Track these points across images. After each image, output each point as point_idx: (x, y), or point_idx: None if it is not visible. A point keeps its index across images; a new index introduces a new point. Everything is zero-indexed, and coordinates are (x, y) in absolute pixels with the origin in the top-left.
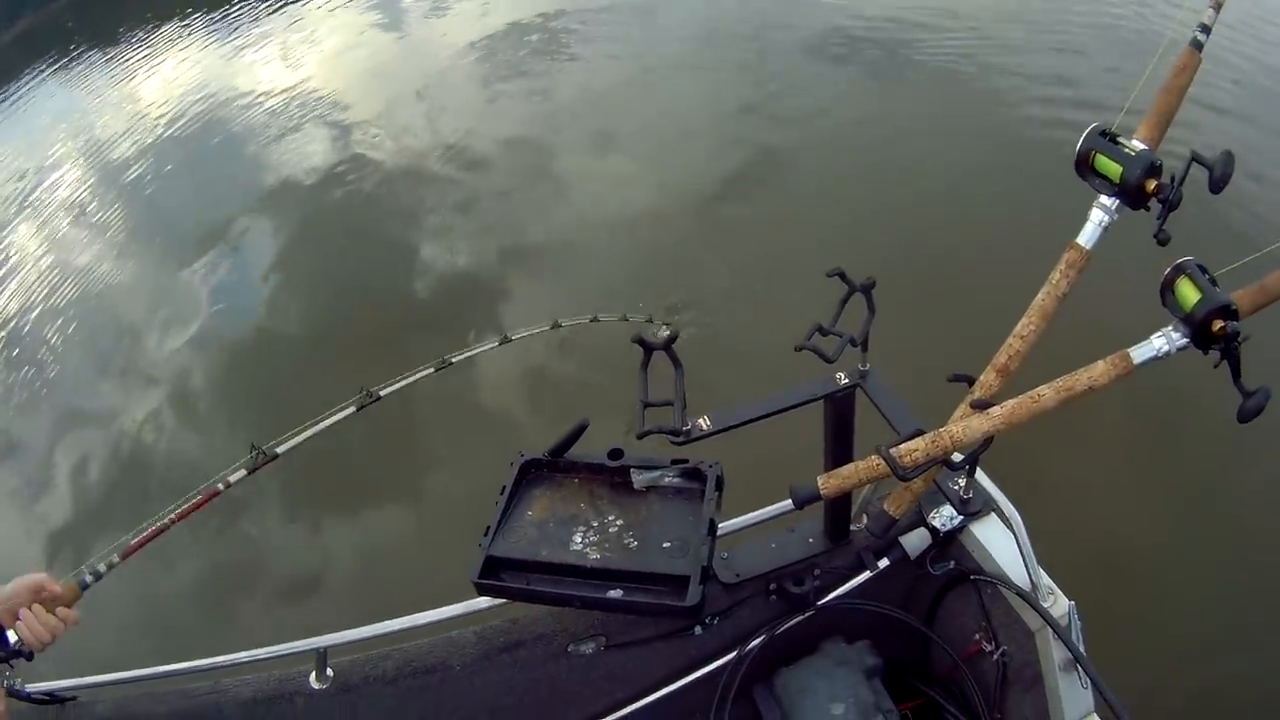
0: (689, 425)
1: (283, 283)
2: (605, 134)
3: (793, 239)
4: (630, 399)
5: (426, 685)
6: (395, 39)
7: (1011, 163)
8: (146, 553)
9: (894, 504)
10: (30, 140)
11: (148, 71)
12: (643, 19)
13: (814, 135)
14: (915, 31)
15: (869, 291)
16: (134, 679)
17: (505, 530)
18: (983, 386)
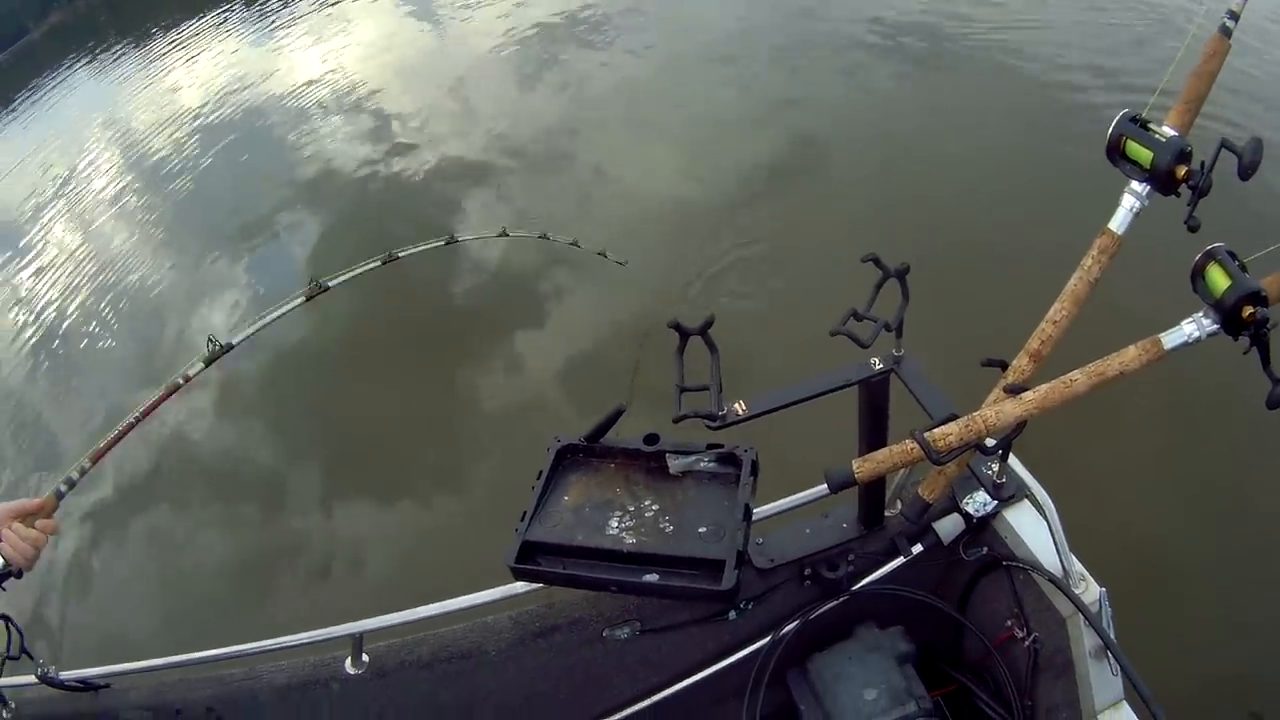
0: (725, 410)
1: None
2: (640, 123)
3: (825, 225)
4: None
5: (462, 670)
6: (428, 31)
7: (1044, 148)
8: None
9: (928, 488)
10: (61, 132)
11: (181, 65)
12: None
13: (845, 121)
14: (948, 19)
15: (903, 277)
16: (167, 665)
17: (541, 515)
18: (1016, 371)
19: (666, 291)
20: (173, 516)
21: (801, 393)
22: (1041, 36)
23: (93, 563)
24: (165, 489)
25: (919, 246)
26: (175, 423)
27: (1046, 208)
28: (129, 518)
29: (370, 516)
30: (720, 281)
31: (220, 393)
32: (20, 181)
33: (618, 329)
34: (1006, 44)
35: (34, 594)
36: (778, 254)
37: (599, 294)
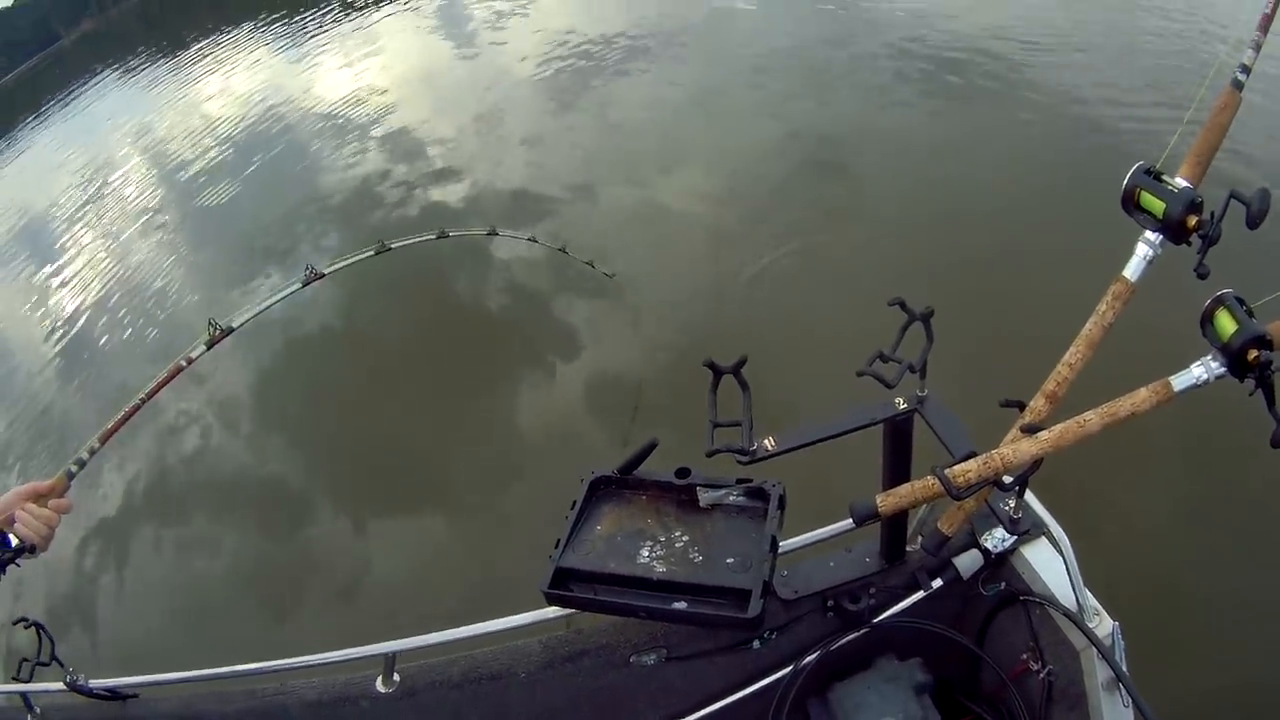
0: (755, 446)
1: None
2: (672, 150)
3: (849, 261)
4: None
5: (490, 691)
6: (457, 50)
7: (1061, 193)
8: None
9: (947, 522)
10: (89, 138)
11: (212, 76)
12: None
13: (872, 157)
14: (980, 55)
15: (928, 320)
16: (198, 678)
17: (575, 543)
18: (1033, 411)
19: (690, 323)
20: (197, 528)
21: (828, 430)
22: (1071, 78)
23: (115, 575)
24: (190, 501)
25: (940, 287)
26: (199, 433)
27: (1060, 253)
28: (150, 529)
29: (391, 533)
30: (747, 311)
31: (248, 406)
32: (46, 183)
33: (643, 362)
34: (1034, 83)
35: (62, 602)
36: (802, 286)
37: (621, 325)
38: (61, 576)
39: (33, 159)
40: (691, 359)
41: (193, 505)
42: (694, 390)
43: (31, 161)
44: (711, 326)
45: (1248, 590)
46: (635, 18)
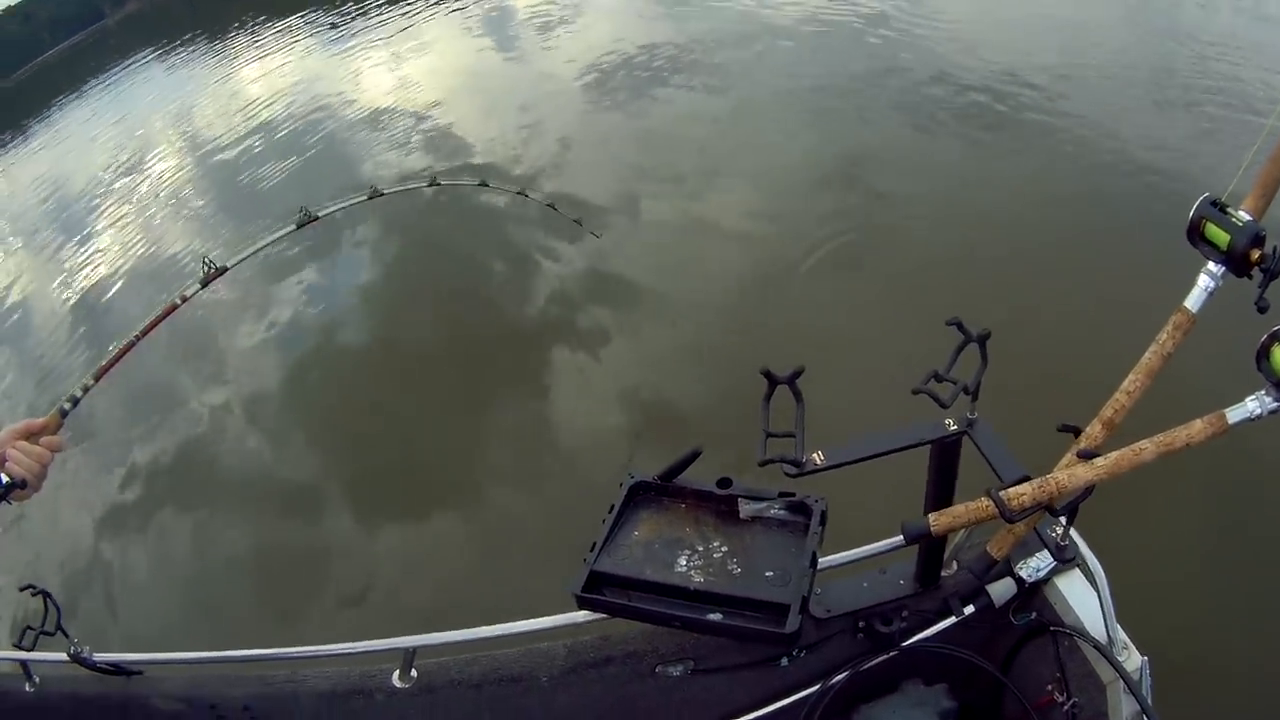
0: (806, 458)
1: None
2: (710, 168)
3: (890, 280)
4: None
5: (510, 694)
6: (503, 56)
7: (1118, 227)
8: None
9: (996, 545)
10: (128, 118)
11: (254, 64)
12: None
13: (917, 181)
14: (1027, 88)
15: (984, 342)
16: (205, 660)
17: (610, 548)
18: (1088, 438)
19: (730, 336)
20: (214, 516)
21: (877, 447)
22: (1125, 109)
23: (129, 557)
24: (211, 490)
25: (984, 309)
26: (225, 425)
27: (1119, 281)
28: (167, 514)
29: (409, 529)
30: (786, 328)
31: (275, 401)
32: (80, 158)
33: (672, 373)
34: (1085, 118)
35: (73, 578)
36: (843, 304)
37: (655, 329)
38: (74, 552)
39: (70, 134)
40: (718, 374)
41: (213, 494)
42: (724, 401)
43: (68, 136)
44: (745, 339)
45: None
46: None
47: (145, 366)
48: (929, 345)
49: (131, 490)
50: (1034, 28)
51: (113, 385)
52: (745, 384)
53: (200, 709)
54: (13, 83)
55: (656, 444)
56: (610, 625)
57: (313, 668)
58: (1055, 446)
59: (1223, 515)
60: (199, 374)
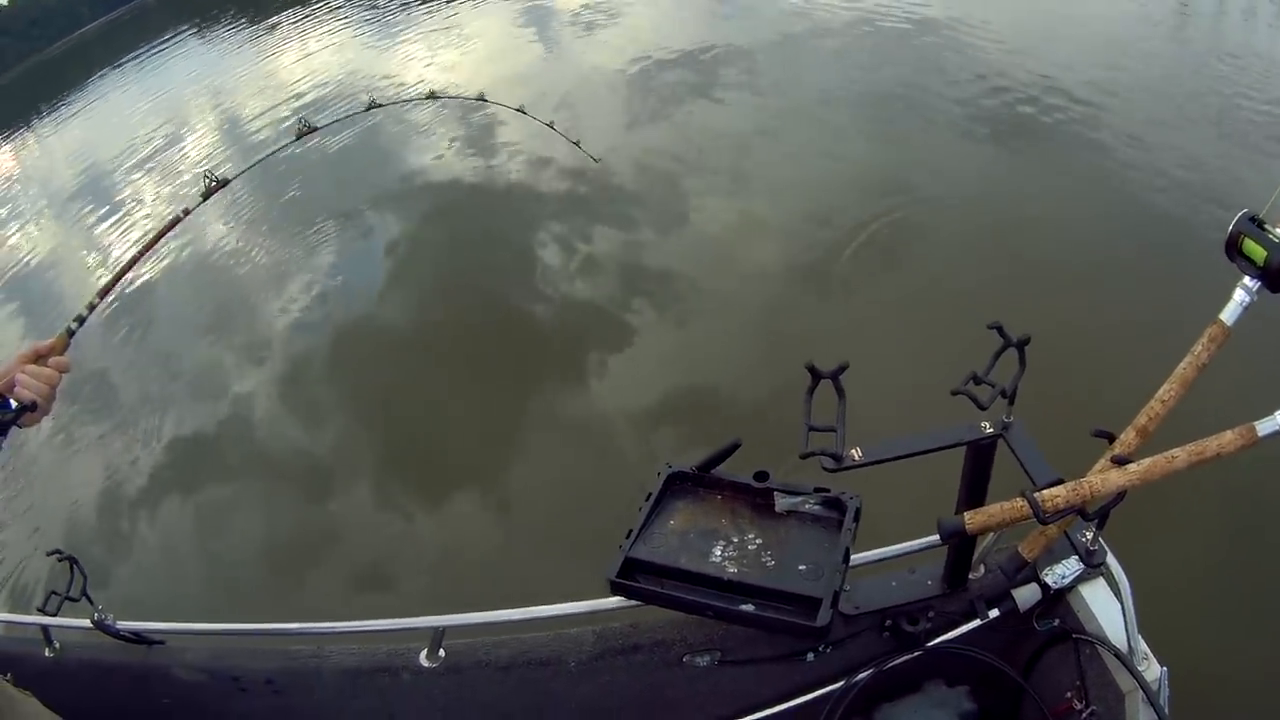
0: (845, 454)
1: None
2: (743, 171)
3: (925, 285)
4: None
5: (538, 678)
6: (542, 48)
7: (1157, 240)
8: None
9: (1028, 546)
10: (161, 95)
11: (292, 44)
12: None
13: (954, 188)
14: (1070, 101)
15: (1024, 347)
16: (229, 632)
17: (646, 535)
18: (1123, 444)
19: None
20: (234, 493)
21: (915, 446)
22: (1162, 129)
23: (158, 528)
24: (237, 468)
25: (1022, 314)
26: (256, 402)
27: (1156, 292)
28: (191, 489)
29: (436, 510)
30: (820, 323)
31: (307, 378)
32: (116, 130)
33: (706, 376)
34: (1127, 134)
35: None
36: (880, 300)
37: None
38: (93, 519)
39: (106, 106)
40: (755, 365)
41: (237, 467)
42: (758, 391)
43: (104, 108)
44: (779, 334)
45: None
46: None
47: (171, 337)
48: (961, 346)
49: (152, 461)
50: (1082, 42)
51: (138, 354)
52: (778, 376)
53: (222, 680)
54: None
55: (687, 430)
56: (639, 613)
57: (338, 644)
58: (1083, 452)
59: (1244, 528)
60: (230, 345)
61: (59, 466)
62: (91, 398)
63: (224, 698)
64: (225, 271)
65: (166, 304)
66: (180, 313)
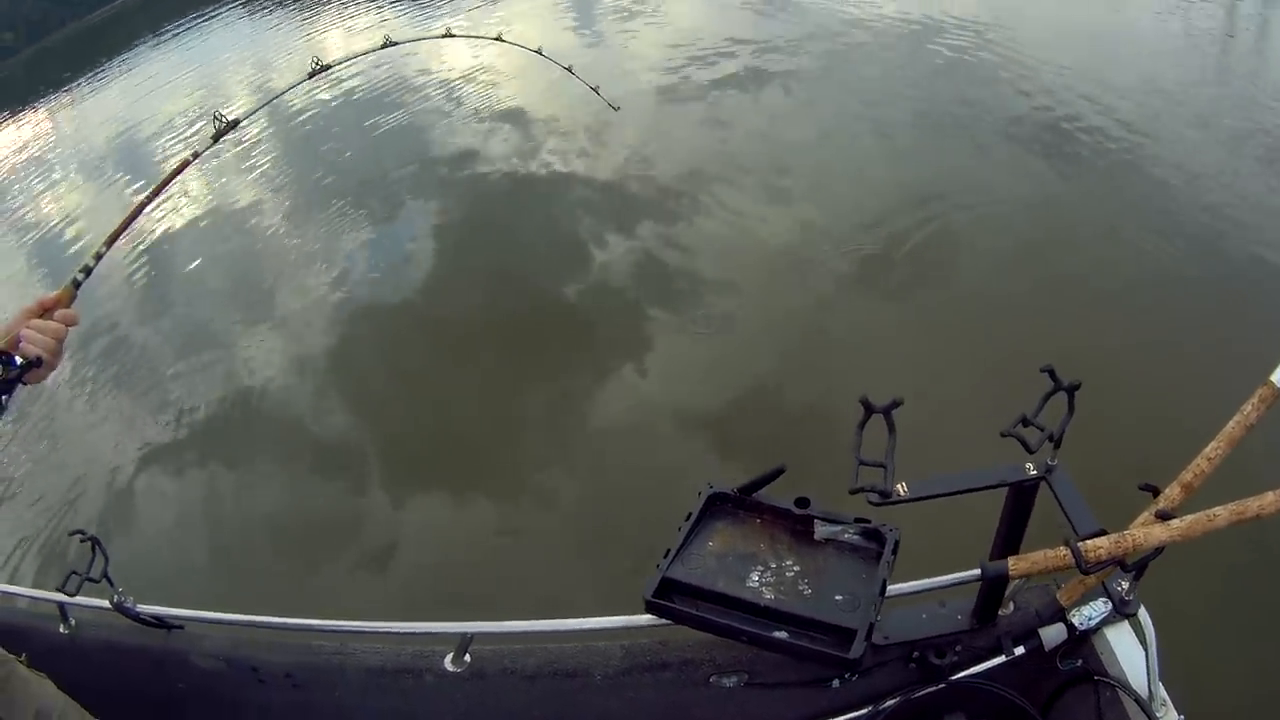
0: (892, 489)
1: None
2: (780, 181)
3: (965, 311)
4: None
5: (564, 690)
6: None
7: (1212, 286)
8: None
9: (1066, 594)
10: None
11: (337, 27)
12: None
13: (999, 209)
14: (1117, 129)
15: (1073, 392)
16: (251, 624)
17: (684, 555)
18: (1167, 499)
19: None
20: (256, 483)
21: (959, 484)
22: (1216, 163)
23: (181, 511)
24: (258, 458)
25: (1068, 356)
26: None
27: (1209, 339)
28: (214, 477)
29: (452, 511)
30: (844, 348)
31: (340, 369)
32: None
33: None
34: (1183, 165)
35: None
36: (914, 322)
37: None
38: (111, 499)
39: (145, 77)
40: (787, 388)
41: (253, 452)
42: (781, 409)
43: (144, 79)
44: (805, 350)
45: None
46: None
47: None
48: (1001, 373)
49: (166, 442)
50: (1137, 67)
51: (167, 325)
52: (813, 389)
53: (241, 670)
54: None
55: (719, 441)
56: (668, 631)
57: (362, 643)
58: (1115, 496)
59: (1269, 586)
60: (255, 319)
61: (75, 436)
62: (110, 366)
63: (241, 688)
64: (249, 244)
65: (192, 279)
66: (202, 283)
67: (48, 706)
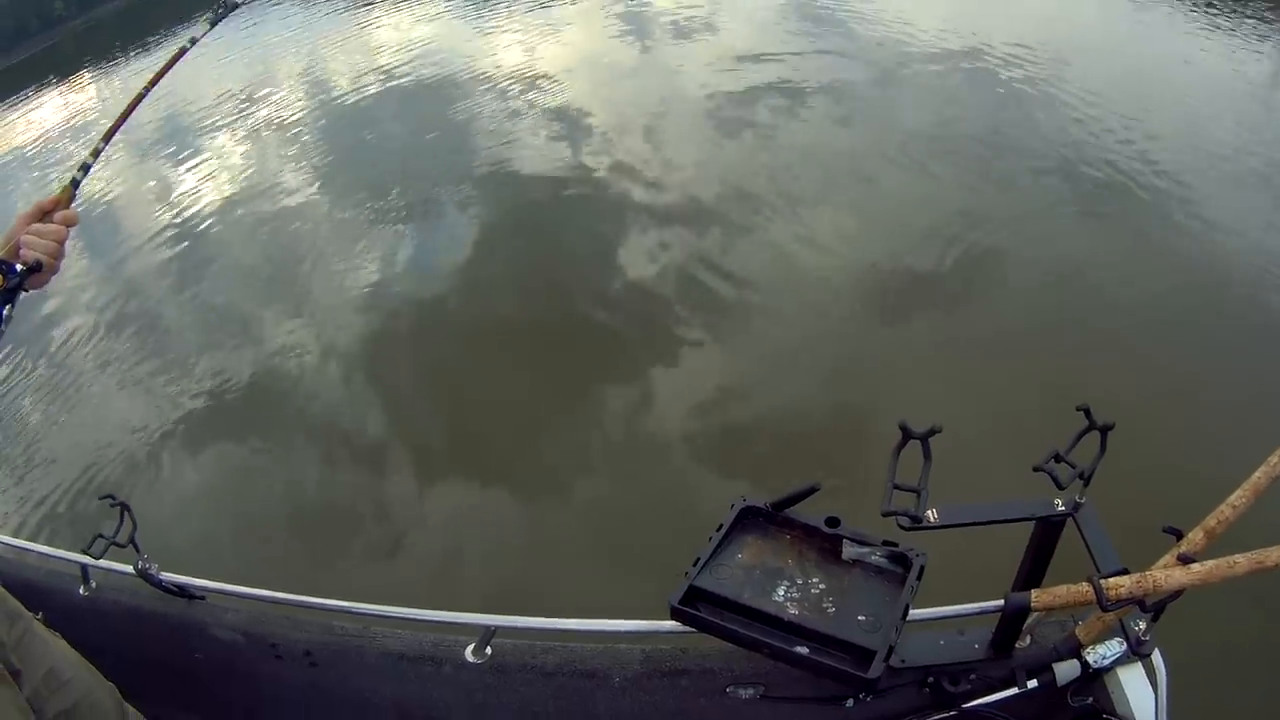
0: (924, 515)
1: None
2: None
3: (994, 343)
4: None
5: (582, 688)
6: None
7: (1249, 335)
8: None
9: (1086, 630)
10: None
11: (388, 22)
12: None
13: (1033, 244)
14: (1157, 176)
15: (1106, 432)
16: (274, 599)
17: (713, 565)
18: (1189, 543)
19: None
20: (285, 463)
21: (989, 515)
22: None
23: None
24: (290, 442)
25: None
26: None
27: (1238, 390)
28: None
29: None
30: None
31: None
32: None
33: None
34: (1224, 214)
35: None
36: (942, 351)
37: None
38: (134, 470)
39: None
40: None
41: (288, 446)
42: (804, 427)
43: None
44: (835, 371)
45: None
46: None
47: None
48: (1027, 407)
49: (195, 420)
50: (1184, 113)
51: (200, 304)
52: (841, 410)
53: (259, 645)
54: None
55: (745, 456)
56: (688, 638)
57: (384, 627)
58: (1132, 537)
59: None
60: (286, 305)
61: (101, 405)
62: (142, 340)
63: (258, 662)
64: (292, 230)
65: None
66: (239, 266)
67: (61, 666)
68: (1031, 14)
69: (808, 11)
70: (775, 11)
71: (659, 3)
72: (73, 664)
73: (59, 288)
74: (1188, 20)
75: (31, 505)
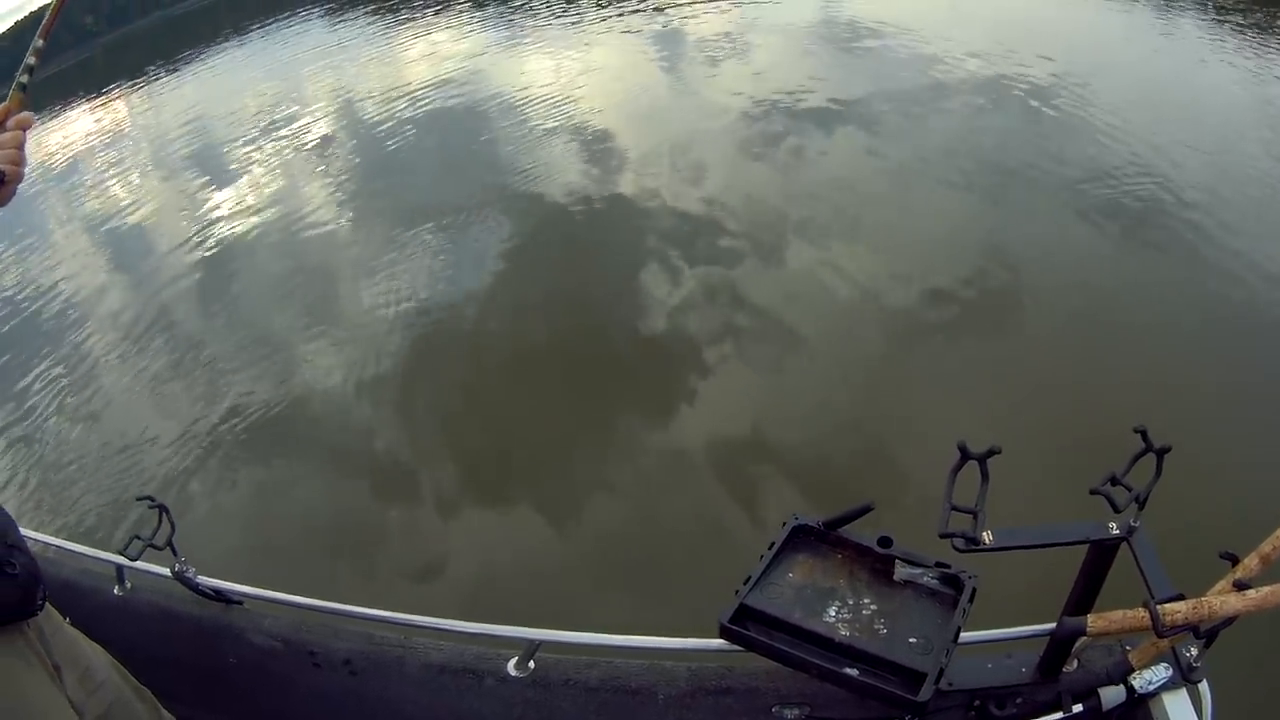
0: (980, 536)
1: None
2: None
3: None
4: None
5: (626, 705)
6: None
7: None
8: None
9: (1139, 656)
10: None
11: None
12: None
13: (1075, 276)
14: (1193, 211)
15: (1163, 455)
16: (312, 607)
17: (763, 584)
18: (1245, 568)
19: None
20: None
21: (1043, 537)
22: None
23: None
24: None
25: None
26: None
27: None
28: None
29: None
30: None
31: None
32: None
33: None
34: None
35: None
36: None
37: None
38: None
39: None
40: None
41: (322, 461)
42: (840, 447)
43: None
44: (869, 391)
45: None
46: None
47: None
48: (1068, 435)
49: (236, 431)
50: (1225, 139)
51: (238, 321)
52: (872, 433)
53: (298, 652)
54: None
55: (775, 476)
56: (735, 657)
57: (425, 638)
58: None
59: None
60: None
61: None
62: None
63: (296, 669)
64: (328, 251)
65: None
66: (275, 285)
67: (95, 666)
68: (1059, 34)
69: (839, 40)
70: (806, 40)
71: (690, 28)
72: (105, 665)
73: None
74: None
75: (68, 507)
